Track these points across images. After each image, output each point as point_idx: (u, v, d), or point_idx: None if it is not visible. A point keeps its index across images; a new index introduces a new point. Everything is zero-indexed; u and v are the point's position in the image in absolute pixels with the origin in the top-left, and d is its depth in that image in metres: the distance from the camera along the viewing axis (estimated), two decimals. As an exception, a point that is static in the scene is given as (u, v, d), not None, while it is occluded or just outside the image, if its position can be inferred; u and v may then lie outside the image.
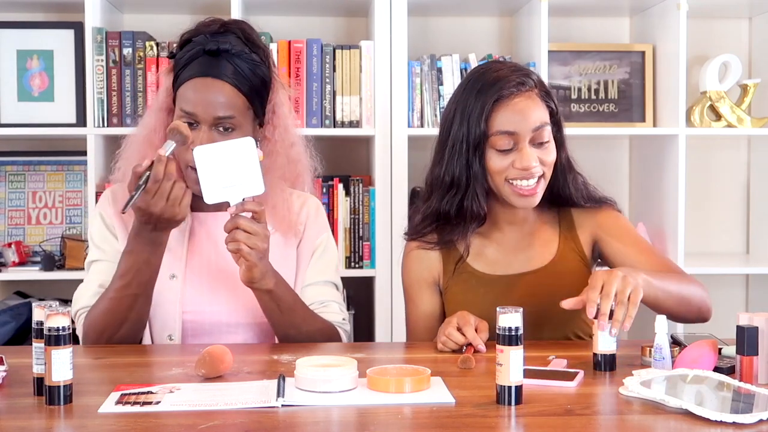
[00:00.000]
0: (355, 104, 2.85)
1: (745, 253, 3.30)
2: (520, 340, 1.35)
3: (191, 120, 1.80)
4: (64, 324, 1.34)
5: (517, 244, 1.90)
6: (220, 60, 1.81)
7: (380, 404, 1.36)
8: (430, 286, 1.92)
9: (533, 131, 1.78)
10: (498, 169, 1.80)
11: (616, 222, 1.93)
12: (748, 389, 1.38)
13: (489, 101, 1.78)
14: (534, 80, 1.83)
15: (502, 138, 1.78)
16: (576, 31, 3.21)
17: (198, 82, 1.80)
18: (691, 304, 1.78)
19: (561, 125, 1.88)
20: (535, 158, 1.78)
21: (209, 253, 1.89)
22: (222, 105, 1.80)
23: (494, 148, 1.79)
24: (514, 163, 1.78)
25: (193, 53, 1.82)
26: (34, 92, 2.87)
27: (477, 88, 1.80)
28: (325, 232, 1.98)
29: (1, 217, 2.97)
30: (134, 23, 3.06)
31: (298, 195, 1.97)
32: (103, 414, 1.32)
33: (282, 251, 1.88)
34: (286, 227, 1.90)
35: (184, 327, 1.86)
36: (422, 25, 3.14)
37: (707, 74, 3.05)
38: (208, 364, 1.51)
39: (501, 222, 1.91)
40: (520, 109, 1.78)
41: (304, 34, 2.91)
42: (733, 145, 3.29)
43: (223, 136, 1.80)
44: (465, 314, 1.74)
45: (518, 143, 1.78)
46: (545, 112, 1.81)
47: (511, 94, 1.78)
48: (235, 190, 1.68)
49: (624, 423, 1.31)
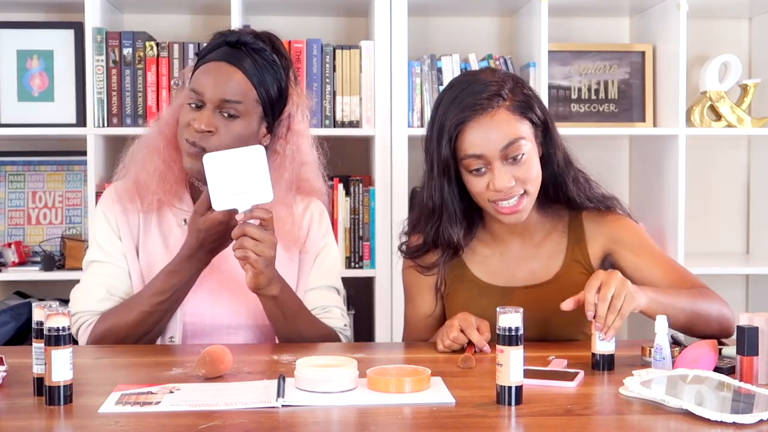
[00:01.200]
0: (355, 104, 2.85)
1: (745, 253, 3.30)
2: (521, 340, 1.35)
3: (198, 100, 1.81)
4: (64, 324, 1.34)
5: (521, 255, 1.89)
6: (239, 51, 1.82)
7: (380, 404, 1.36)
8: (430, 287, 1.91)
9: (502, 150, 1.73)
10: (478, 191, 1.77)
11: (629, 233, 1.88)
12: (748, 389, 1.38)
13: (453, 126, 1.74)
14: (505, 95, 1.75)
15: (472, 161, 1.75)
16: (576, 31, 3.21)
17: (212, 65, 1.82)
18: (708, 321, 1.74)
19: (550, 129, 1.82)
20: (508, 178, 1.73)
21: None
22: (231, 89, 1.80)
23: (468, 171, 1.77)
24: (489, 185, 1.75)
25: (215, 44, 1.85)
26: (34, 92, 2.87)
27: (446, 109, 1.77)
28: (328, 236, 1.98)
29: (1, 217, 2.97)
30: (134, 23, 3.06)
31: (302, 199, 1.97)
32: (103, 414, 1.32)
33: (284, 260, 1.88)
34: (289, 241, 1.89)
35: (184, 329, 1.86)
36: (422, 25, 3.14)
37: (707, 74, 3.04)
38: (208, 364, 1.51)
39: (501, 233, 1.89)
40: (484, 130, 1.73)
41: (304, 34, 2.91)
42: (733, 145, 3.29)
43: (226, 122, 1.80)
44: (467, 315, 1.73)
45: (490, 164, 1.74)
46: (517, 126, 1.75)
47: (475, 116, 1.73)
48: (244, 198, 1.68)
49: (624, 423, 1.31)
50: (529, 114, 1.77)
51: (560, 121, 2.77)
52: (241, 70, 1.81)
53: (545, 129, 1.82)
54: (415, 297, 1.94)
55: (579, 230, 1.89)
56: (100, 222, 1.92)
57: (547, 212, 1.90)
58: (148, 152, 1.90)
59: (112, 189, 1.95)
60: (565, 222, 1.90)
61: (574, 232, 1.89)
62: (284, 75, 1.87)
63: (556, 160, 1.84)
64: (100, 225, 1.92)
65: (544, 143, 1.82)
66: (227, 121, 1.81)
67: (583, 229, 1.89)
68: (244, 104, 1.81)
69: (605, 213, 1.90)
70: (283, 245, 1.85)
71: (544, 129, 1.82)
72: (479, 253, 1.90)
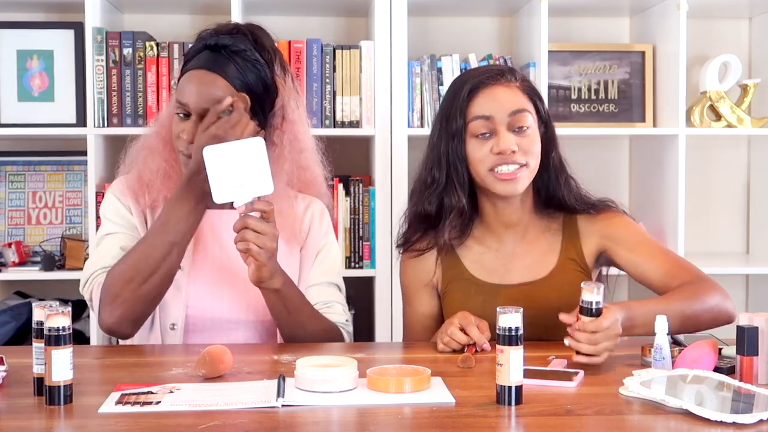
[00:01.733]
0: (355, 104, 2.85)
1: (745, 253, 3.30)
2: (520, 340, 1.35)
3: (184, 110, 1.81)
4: (64, 324, 1.34)
5: (515, 251, 1.89)
6: (219, 56, 1.81)
7: (380, 404, 1.36)
8: (427, 287, 1.92)
9: (510, 115, 1.80)
10: (479, 158, 1.80)
11: (623, 230, 1.89)
12: (748, 389, 1.38)
13: (465, 92, 1.81)
14: (518, 77, 1.86)
15: (479, 123, 1.80)
16: (576, 31, 3.21)
17: (194, 74, 1.82)
18: (698, 321, 1.73)
19: (550, 125, 1.88)
20: (512, 142, 1.78)
21: (213, 250, 1.89)
22: (215, 96, 1.79)
23: (473, 136, 1.81)
24: (492, 148, 1.79)
25: (197, 48, 1.85)
26: (34, 92, 2.87)
27: (455, 87, 1.85)
28: (329, 234, 1.97)
29: (1, 217, 2.97)
30: (134, 23, 3.06)
31: (303, 198, 1.97)
32: (103, 414, 1.32)
33: (285, 254, 1.88)
34: (289, 234, 1.89)
35: (186, 321, 1.85)
36: (422, 25, 3.14)
37: (707, 74, 3.05)
38: (208, 364, 1.51)
39: (496, 226, 1.90)
40: (495, 96, 1.81)
41: (304, 34, 2.91)
42: (733, 145, 3.29)
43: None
44: (466, 314, 1.74)
45: (495, 128, 1.80)
46: (526, 102, 1.83)
47: (488, 83, 1.82)
48: (244, 190, 1.67)
49: (624, 423, 1.31)
50: (537, 103, 1.86)
51: (560, 121, 2.78)
52: (222, 76, 1.80)
53: (547, 128, 1.87)
54: (412, 297, 1.94)
55: (573, 228, 1.90)
56: (112, 203, 1.90)
57: (541, 213, 1.92)
58: (149, 152, 1.90)
59: (122, 179, 1.94)
60: (559, 222, 1.92)
61: (568, 230, 1.90)
62: (269, 69, 1.86)
63: (552, 161, 1.87)
64: (110, 202, 1.90)
65: (544, 140, 1.86)
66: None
67: (577, 227, 1.90)
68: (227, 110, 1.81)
69: (599, 211, 1.91)
70: (284, 237, 1.85)
71: (545, 128, 1.87)
72: (474, 250, 1.90)
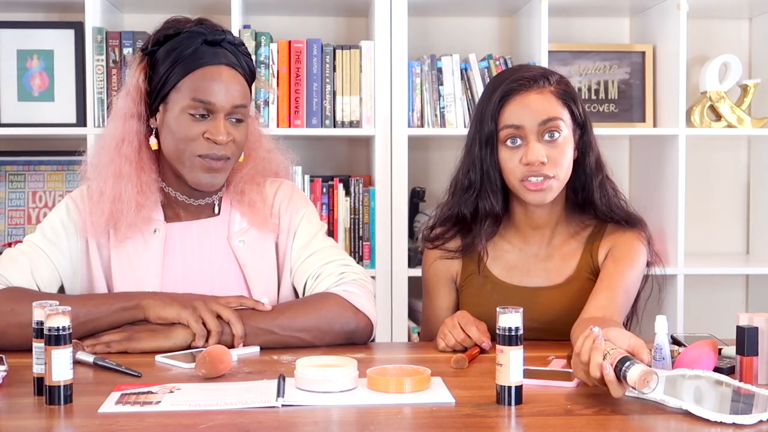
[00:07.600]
0: (355, 104, 2.85)
1: (745, 253, 3.30)
2: (520, 340, 1.35)
3: (206, 109, 1.74)
4: (64, 324, 1.34)
5: (538, 254, 1.90)
6: (224, 50, 1.78)
7: (380, 404, 1.36)
8: (448, 282, 1.95)
9: (540, 125, 1.78)
10: (510, 168, 1.81)
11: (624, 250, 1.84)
12: (748, 389, 1.38)
13: (497, 98, 1.80)
14: (552, 81, 1.82)
15: (509, 131, 1.79)
16: (576, 31, 3.21)
17: (213, 70, 1.75)
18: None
19: (588, 128, 1.86)
20: (542, 154, 1.77)
21: (184, 265, 1.84)
22: (239, 93, 1.77)
23: (504, 144, 1.81)
24: (521, 158, 1.79)
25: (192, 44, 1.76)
26: (34, 92, 2.87)
27: (491, 89, 1.84)
28: (304, 207, 1.92)
29: (1, 217, 2.97)
30: (134, 23, 3.06)
31: (272, 182, 1.93)
32: (103, 414, 1.32)
33: (261, 245, 1.86)
34: (261, 221, 1.86)
35: None
36: (422, 25, 3.14)
37: (707, 74, 3.05)
38: (208, 364, 1.51)
39: (524, 226, 1.90)
40: (526, 103, 1.79)
41: (304, 34, 2.91)
42: (733, 146, 3.29)
43: (234, 127, 1.78)
44: (466, 314, 1.75)
45: (526, 137, 1.79)
46: (558, 109, 1.80)
47: (521, 90, 1.80)
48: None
49: (624, 423, 1.31)
50: (572, 106, 1.84)
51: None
52: (239, 72, 1.78)
53: (583, 131, 1.86)
54: (432, 291, 1.96)
55: (598, 236, 1.89)
56: (61, 216, 1.83)
57: (572, 217, 1.91)
58: (115, 181, 1.78)
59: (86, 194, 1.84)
60: (588, 231, 1.91)
61: (593, 237, 1.90)
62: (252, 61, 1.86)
63: (588, 163, 1.86)
64: (59, 216, 1.83)
65: (579, 144, 1.86)
66: (235, 126, 1.78)
67: (603, 234, 1.89)
68: (248, 107, 1.80)
69: (627, 229, 1.88)
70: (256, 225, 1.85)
71: (582, 130, 1.86)
72: (499, 247, 1.91)
